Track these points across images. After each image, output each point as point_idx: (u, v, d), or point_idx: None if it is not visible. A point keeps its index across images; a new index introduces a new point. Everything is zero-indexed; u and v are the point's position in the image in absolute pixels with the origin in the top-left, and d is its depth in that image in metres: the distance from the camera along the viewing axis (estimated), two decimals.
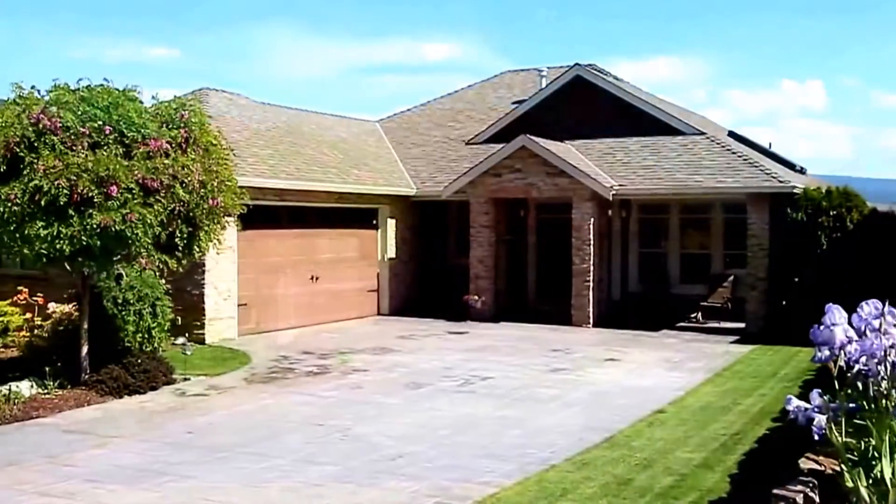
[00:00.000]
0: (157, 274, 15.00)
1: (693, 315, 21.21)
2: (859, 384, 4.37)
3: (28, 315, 17.15)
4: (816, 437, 4.33)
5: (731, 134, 24.10)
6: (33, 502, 8.04)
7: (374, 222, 22.86)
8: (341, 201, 21.32)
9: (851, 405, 4.41)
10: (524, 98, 25.12)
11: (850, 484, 4.25)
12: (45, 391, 12.62)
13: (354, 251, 22.14)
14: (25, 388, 12.47)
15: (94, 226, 11.35)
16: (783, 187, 19.08)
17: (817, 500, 5.13)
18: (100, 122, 11.79)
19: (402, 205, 23.32)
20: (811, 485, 5.24)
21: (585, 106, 22.82)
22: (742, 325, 19.75)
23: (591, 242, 20.44)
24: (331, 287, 21.20)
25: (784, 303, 18.96)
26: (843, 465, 4.36)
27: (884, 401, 4.28)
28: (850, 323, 4.34)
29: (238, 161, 15.57)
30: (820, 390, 4.43)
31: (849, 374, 4.35)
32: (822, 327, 4.34)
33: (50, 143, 11.44)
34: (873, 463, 4.30)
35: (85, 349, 13.16)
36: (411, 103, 30.33)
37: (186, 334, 15.83)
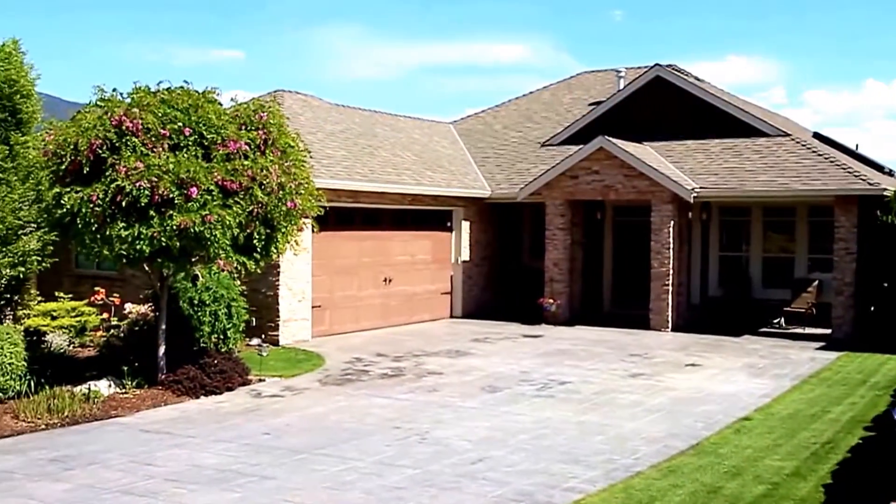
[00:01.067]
0: (233, 275, 15.19)
1: (775, 320, 20.74)
2: None
3: (104, 315, 17.51)
4: None
5: (816, 135, 23.51)
6: (117, 501, 8.15)
7: (448, 224, 22.84)
8: (415, 203, 21.35)
9: None
10: (601, 99, 24.87)
11: None
12: (123, 390, 12.86)
13: (428, 253, 22.14)
14: (104, 387, 12.72)
15: (174, 227, 11.51)
16: (872, 189, 18.52)
17: None
18: (180, 124, 11.95)
19: (476, 207, 23.26)
20: None
21: (665, 107, 22.49)
22: (827, 331, 19.23)
23: (671, 245, 20.11)
24: (404, 289, 21.23)
25: (872, 309, 18.41)
26: None
27: None
28: None
29: (313, 163, 15.66)
30: None
31: None
32: None
33: (131, 145, 11.63)
34: None
35: (162, 349, 13.37)
36: (477, 104, 30.24)
37: (263, 335, 16.00)
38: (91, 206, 11.49)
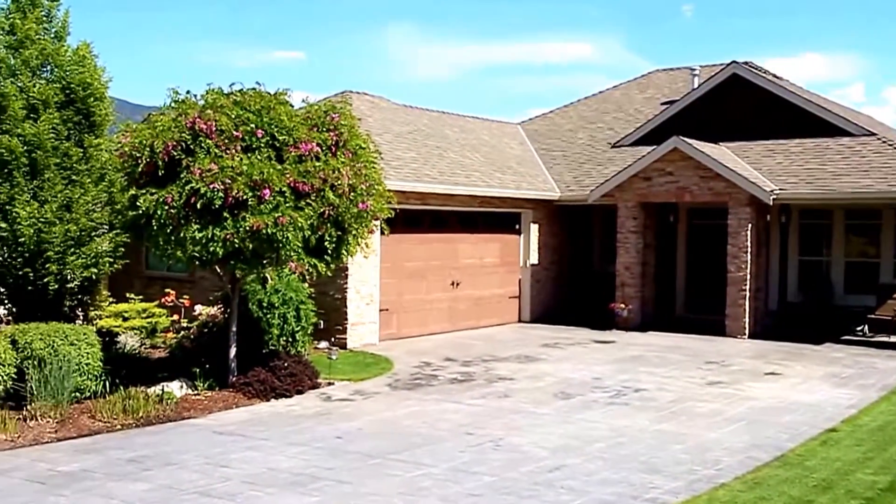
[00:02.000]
0: (304, 278, 15.38)
1: (859, 328, 20.30)
2: None
3: (174, 316, 17.86)
4: None
5: None
6: (196, 502, 8.32)
7: (517, 227, 22.82)
8: (484, 205, 21.38)
9: None
10: (674, 98, 24.65)
11: None
12: (195, 392, 13.11)
13: (496, 256, 22.15)
14: (176, 388, 12.98)
15: (247, 229, 11.70)
16: None
17: None
18: (252, 126, 12.14)
19: (545, 209, 23.21)
20: None
21: (742, 106, 22.19)
22: None
23: (748, 249, 19.83)
24: (472, 293, 21.28)
25: None
26: None
27: None
28: None
29: (382, 164, 15.78)
30: None
31: None
32: None
33: (205, 147, 11.85)
34: None
35: (233, 351, 13.59)
36: (541, 105, 30.23)
37: (332, 338, 16.14)
38: (166, 207, 11.74)
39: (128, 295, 18.12)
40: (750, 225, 19.85)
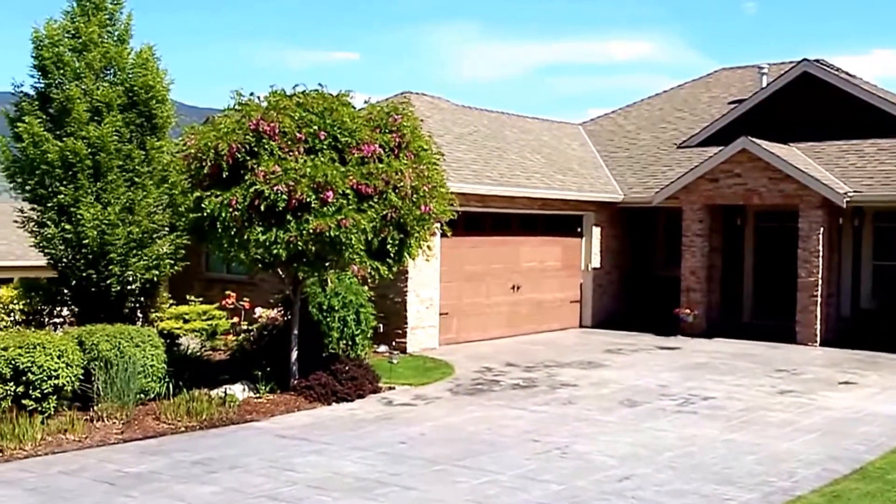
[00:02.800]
0: (362, 281, 15.51)
1: None
2: None
3: (235, 319, 18.11)
4: None
5: None
6: None
7: (578, 230, 22.75)
8: (545, 208, 21.34)
9: None
10: (742, 97, 24.38)
11: None
12: (257, 395, 13.29)
13: (557, 260, 22.10)
14: (238, 391, 13.17)
15: (310, 231, 11.83)
16: None
17: None
18: (315, 128, 12.28)
19: (607, 212, 23.10)
20: None
21: (813, 105, 21.86)
22: None
23: (820, 253, 19.54)
24: (532, 297, 21.26)
25: None
26: None
27: None
28: None
29: (443, 166, 15.85)
30: None
31: None
32: None
33: (269, 149, 12.02)
34: None
35: (294, 354, 13.75)
36: (599, 104, 30.06)
37: (393, 342, 16.25)
38: (230, 210, 11.92)
39: (188, 297, 18.41)
40: (822, 228, 19.56)
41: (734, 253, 22.69)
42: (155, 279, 15.31)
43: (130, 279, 14.60)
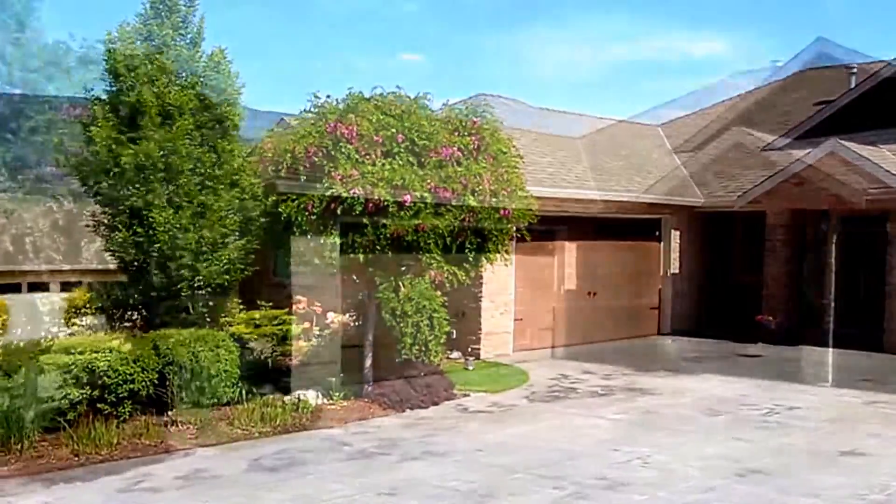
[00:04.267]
0: (436, 285, 15.62)
1: None
2: None
3: (306, 324, 18.34)
4: None
5: None
6: None
7: (657, 234, 22.63)
8: (622, 211, 21.27)
9: None
10: (829, 98, 24.00)
11: None
12: (331, 401, 13.46)
13: (634, 265, 22.00)
14: (311, 397, 13.35)
15: (387, 236, 11.99)
16: None
17: None
18: (393, 131, 12.43)
19: (686, 216, 22.93)
20: None
21: None
22: None
23: None
24: (609, 303, 21.19)
25: None
26: None
27: None
28: None
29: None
30: None
31: None
32: None
33: (346, 152, 12.20)
34: None
35: (368, 361, 13.91)
36: (672, 104, 29.77)
37: (470, 349, 16.33)
38: (307, 214, 12.13)
39: (258, 302, 18.70)
40: None
41: (817, 258, 22.34)
42: (226, 284, 15.54)
43: (200, 283, 14.78)
